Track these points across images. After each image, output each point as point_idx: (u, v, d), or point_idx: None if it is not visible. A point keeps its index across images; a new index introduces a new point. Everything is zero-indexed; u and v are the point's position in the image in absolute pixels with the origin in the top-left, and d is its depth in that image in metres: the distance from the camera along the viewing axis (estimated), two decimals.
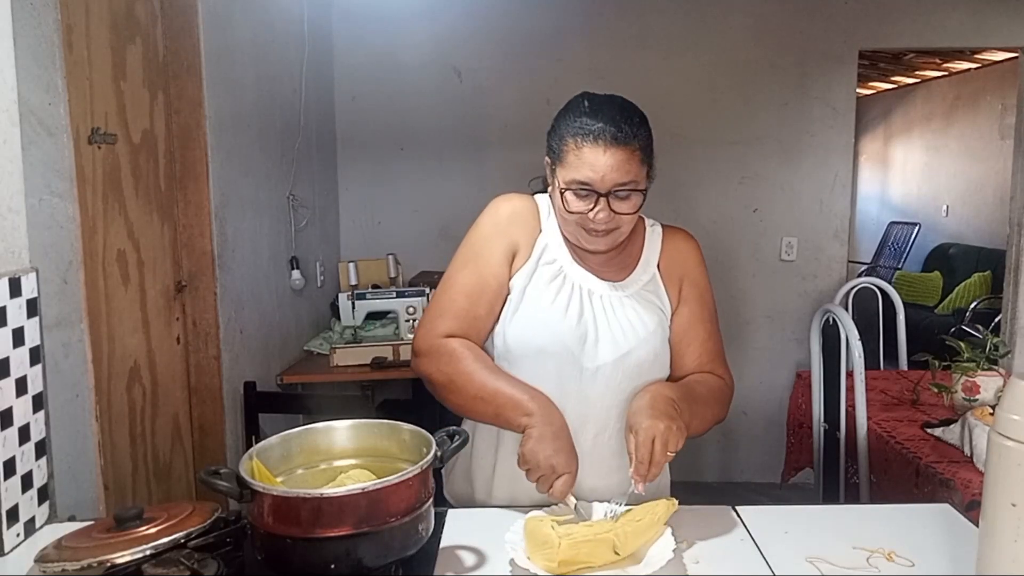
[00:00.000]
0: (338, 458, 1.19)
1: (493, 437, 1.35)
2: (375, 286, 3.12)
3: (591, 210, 1.24)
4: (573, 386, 1.29)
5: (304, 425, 1.19)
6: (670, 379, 1.38)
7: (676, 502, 1.19)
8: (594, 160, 1.22)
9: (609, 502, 1.20)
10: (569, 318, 1.29)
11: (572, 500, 1.18)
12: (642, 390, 1.26)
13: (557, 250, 1.35)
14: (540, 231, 1.36)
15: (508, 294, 1.33)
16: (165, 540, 0.98)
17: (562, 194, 1.27)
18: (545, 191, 1.39)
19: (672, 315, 1.38)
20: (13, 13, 1.29)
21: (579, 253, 1.35)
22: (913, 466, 2.02)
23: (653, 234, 1.41)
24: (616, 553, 1.09)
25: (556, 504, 1.21)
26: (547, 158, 1.32)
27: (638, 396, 1.24)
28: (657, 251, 1.40)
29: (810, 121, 3.64)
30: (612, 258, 1.36)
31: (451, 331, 1.30)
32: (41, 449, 1.28)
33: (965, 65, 6.30)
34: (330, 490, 0.99)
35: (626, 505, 1.18)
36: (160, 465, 2.10)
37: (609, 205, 1.24)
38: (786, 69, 3.61)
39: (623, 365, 1.29)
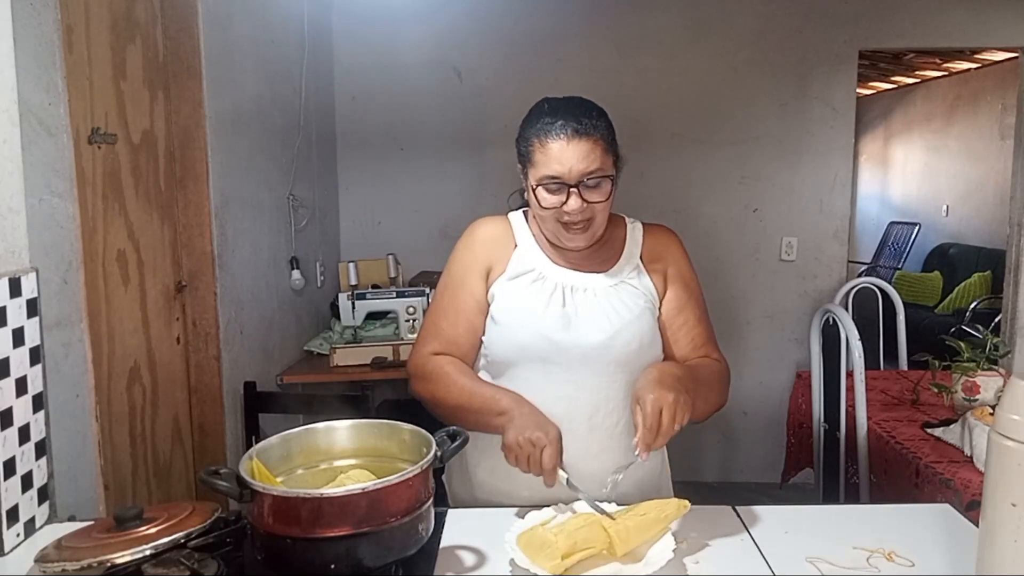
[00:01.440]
0: (338, 458, 1.19)
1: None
2: (375, 286, 3.12)
3: (564, 203, 1.28)
4: (561, 372, 1.31)
5: (304, 425, 1.20)
6: None
7: (688, 504, 1.19)
8: (560, 154, 1.26)
9: (607, 485, 1.21)
10: (551, 309, 1.33)
11: (563, 475, 1.19)
12: (648, 367, 1.27)
13: (534, 259, 1.39)
14: (515, 246, 1.40)
15: (490, 306, 1.38)
16: (165, 540, 0.98)
17: (535, 192, 1.30)
18: (525, 205, 1.43)
19: (660, 303, 1.41)
20: (13, 13, 1.29)
21: (559, 254, 1.39)
22: (913, 466, 2.02)
23: (634, 230, 1.46)
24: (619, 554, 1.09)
25: (551, 506, 1.22)
26: (519, 164, 1.36)
27: (645, 373, 1.25)
28: (639, 244, 1.44)
29: (810, 121, 3.64)
30: (594, 252, 1.40)
31: (435, 352, 1.37)
32: (41, 449, 1.28)
33: (965, 65, 6.30)
34: (330, 490, 1.00)
35: (623, 476, 1.20)
36: (160, 465, 2.10)
37: (581, 195, 1.27)
38: (786, 69, 3.61)
39: (611, 347, 1.31)
